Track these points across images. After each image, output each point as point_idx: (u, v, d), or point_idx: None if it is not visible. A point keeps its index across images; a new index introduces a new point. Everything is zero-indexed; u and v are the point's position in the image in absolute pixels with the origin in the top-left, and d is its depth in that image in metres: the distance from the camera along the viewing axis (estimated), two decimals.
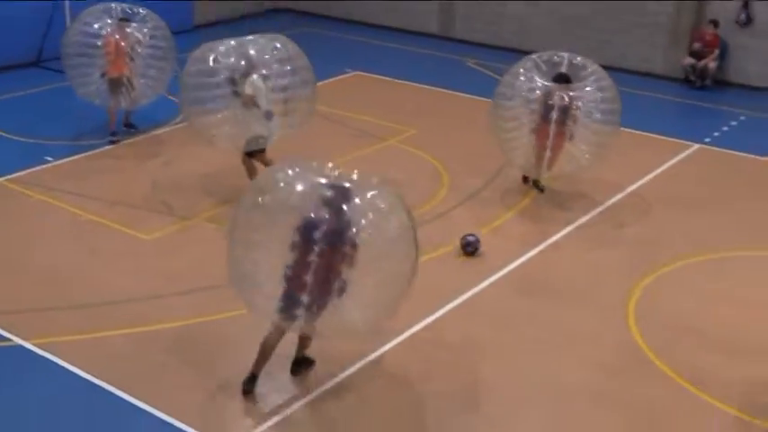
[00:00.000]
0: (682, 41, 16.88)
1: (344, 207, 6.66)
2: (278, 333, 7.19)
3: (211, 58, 10.63)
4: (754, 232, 10.72)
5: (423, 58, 18.24)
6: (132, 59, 12.55)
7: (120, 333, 8.21)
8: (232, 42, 10.82)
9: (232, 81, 10.54)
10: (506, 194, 11.50)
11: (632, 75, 16.86)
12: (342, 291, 6.67)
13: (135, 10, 12.85)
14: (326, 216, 6.63)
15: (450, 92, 15.82)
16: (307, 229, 6.63)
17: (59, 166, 11.98)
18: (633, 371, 7.95)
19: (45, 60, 16.15)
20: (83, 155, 12.38)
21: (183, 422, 7.01)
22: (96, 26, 12.59)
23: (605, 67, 11.76)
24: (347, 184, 6.81)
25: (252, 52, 10.66)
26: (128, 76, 12.53)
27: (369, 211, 6.76)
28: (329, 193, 6.71)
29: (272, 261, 6.77)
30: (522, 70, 11.16)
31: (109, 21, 12.61)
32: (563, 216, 10.92)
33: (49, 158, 12.13)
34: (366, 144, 12.90)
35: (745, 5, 16.27)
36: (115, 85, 12.50)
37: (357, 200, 6.72)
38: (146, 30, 12.73)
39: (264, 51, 10.77)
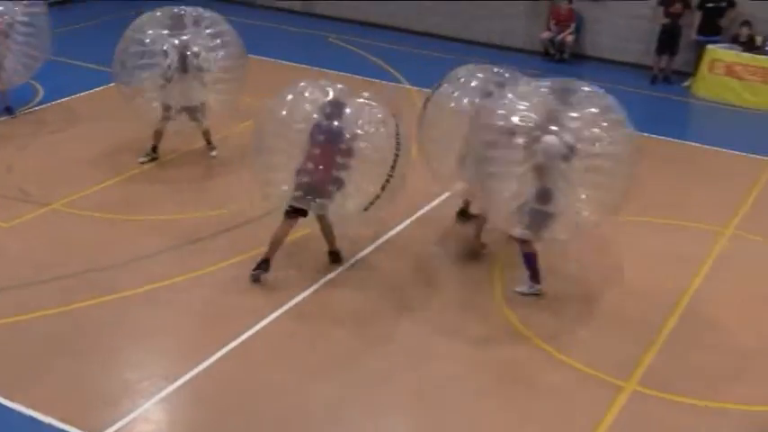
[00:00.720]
0: (540, 16, 17.33)
1: (342, 113, 8.50)
2: (286, 226, 8.67)
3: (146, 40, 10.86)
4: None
5: (287, 36, 18.14)
6: (7, 37, 12.07)
7: None
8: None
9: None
10: None
11: (496, 49, 17.26)
12: (340, 185, 8.42)
13: None
14: (327, 121, 8.45)
15: (314, 68, 15.78)
16: (313, 132, 8.46)
17: None
18: (499, 338, 8.21)
19: None
20: None
21: (59, 417, 6.85)
22: None
23: (472, 42, 11.88)
24: (344, 99, 8.60)
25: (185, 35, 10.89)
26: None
27: (362, 119, 8.52)
28: (330, 106, 8.55)
29: (289, 162, 8.53)
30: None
31: None
32: None
33: None
34: (237, 122, 12.76)
35: None
36: None
37: (349, 110, 8.53)
38: (17, 8, 12.19)
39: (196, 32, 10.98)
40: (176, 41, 10.80)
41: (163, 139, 11.44)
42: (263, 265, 8.71)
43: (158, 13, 11.05)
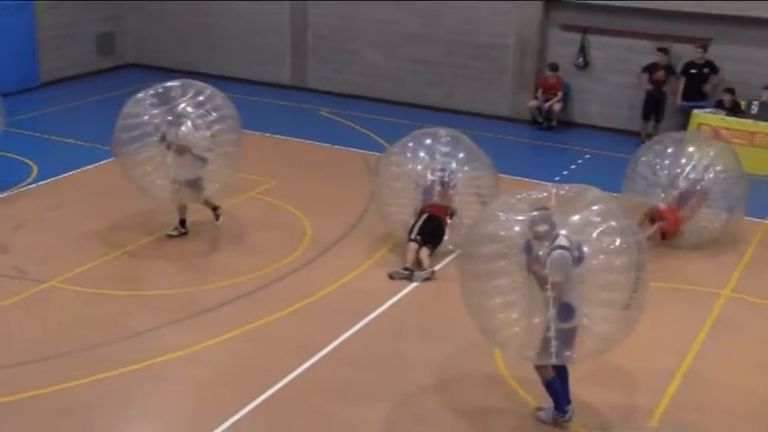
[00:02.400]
0: (527, 85, 17.60)
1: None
2: None
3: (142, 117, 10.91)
4: None
5: (277, 110, 18.34)
6: None
7: None
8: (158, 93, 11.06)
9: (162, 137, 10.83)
10: (368, 243, 11.61)
11: (482, 118, 17.49)
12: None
13: None
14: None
15: (306, 141, 15.93)
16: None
17: None
18: (503, 406, 8.14)
19: None
20: None
21: None
22: None
23: (455, 112, 12.11)
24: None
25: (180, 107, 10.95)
26: None
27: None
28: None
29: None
30: None
31: None
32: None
33: None
34: (227, 197, 12.81)
35: (582, 50, 17.15)
36: None
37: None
38: None
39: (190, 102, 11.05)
40: (169, 118, 10.86)
41: (178, 212, 11.50)
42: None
43: (151, 91, 11.11)
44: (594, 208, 7.46)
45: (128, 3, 20.71)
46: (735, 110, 15.57)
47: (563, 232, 7.24)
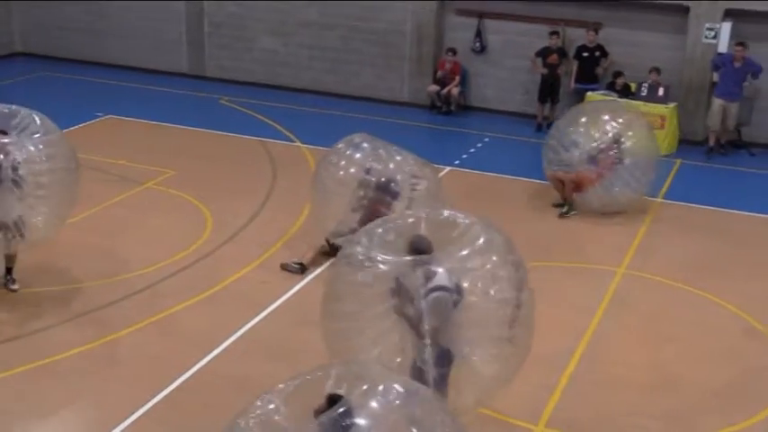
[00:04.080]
0: (425, 70, 17.73)
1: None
2: None
3: None
4: None
5: (175, 99, 18.05)
6: None
7: None
8: None
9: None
10: (270, 231, 11.56)
11: (381, 104, 17.57)
12: None
13: None
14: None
15: (206, 131, 15.74)
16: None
17: None
18: None
19: None
20: None
21: None
22: None
23: (355, 98, 12.10)
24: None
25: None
26: None
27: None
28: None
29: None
30: None
31: None
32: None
33: None
34: (125, 189, 12.58)
35: (478, 35, 17.36)
36: None
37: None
38: None
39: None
40: None
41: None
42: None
43: None
44: (477, 240, 6.63)
45: None
46: (625, 92, 16.00)
47: (441, 270, 6.38)
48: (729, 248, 11.60)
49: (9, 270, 9.70)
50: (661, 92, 15.77)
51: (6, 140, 9.06)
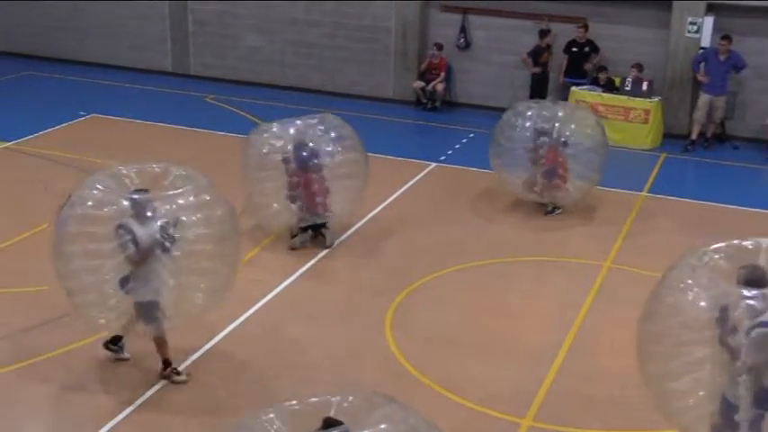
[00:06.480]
0: (410, 67, 17.73)
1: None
2: None
3: None
4: (491, 244, 11.41)
5: (160, 97, 17.98)
6: None
7: None
8: None
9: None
10: (257, 227, 11.51)
11: (367, 100, 17.55)
12: None
13: None
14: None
15: (191, 129, 15.69)
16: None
17: None
18: (394, 385, 8.22)
19: None
20: None
21: None
22: None
23: (339, 95, 12.07)
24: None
25: None
26: None
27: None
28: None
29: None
30: None
31: None
32: (313, 245, 11.10)
33: None
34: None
35: (463, 31, 17.37)
36: None
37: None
38: None
39: None
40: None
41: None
42: None
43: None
44: None
45: None
46: (610, 87, 16.06)
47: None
48: (714, 242, 11.59)
49: (166, 363, 8.12)
50: (645, 86, 15.83)
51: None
